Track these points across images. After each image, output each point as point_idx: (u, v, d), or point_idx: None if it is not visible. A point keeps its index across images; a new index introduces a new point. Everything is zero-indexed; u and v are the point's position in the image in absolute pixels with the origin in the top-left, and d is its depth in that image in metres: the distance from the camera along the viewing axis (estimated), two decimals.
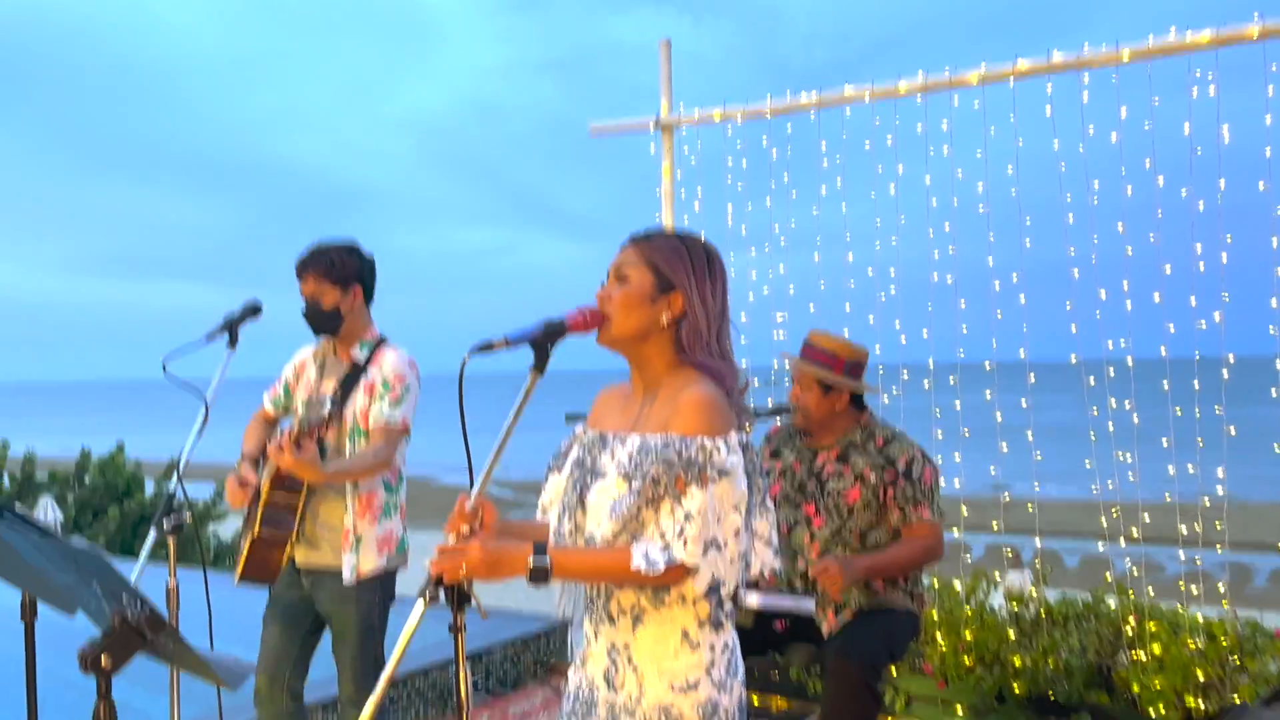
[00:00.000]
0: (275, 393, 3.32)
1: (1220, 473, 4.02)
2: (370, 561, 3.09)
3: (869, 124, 4.37)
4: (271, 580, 3.12)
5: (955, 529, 4.15)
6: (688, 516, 1.78)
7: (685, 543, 1.77)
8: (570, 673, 2.03)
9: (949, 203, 4.31)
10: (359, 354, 3.15)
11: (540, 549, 1.80)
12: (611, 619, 1.90)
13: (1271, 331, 3.69)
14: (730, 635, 1.91)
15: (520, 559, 1.79)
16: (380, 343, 3.18)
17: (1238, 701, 3.48)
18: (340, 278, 3.09)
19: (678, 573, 1.78)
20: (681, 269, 1.93)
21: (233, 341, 2.98)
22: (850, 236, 4.61)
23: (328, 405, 2.60)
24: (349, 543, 3.07)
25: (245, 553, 3.05)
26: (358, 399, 3.09)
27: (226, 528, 8.81)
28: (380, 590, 3.14)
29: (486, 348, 1.83)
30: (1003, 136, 4.09)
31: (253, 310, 3.06)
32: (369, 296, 3.19)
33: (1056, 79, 3.97)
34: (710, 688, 1.85)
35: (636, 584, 1.84)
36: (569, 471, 1.98)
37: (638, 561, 1.77)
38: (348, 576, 3.06)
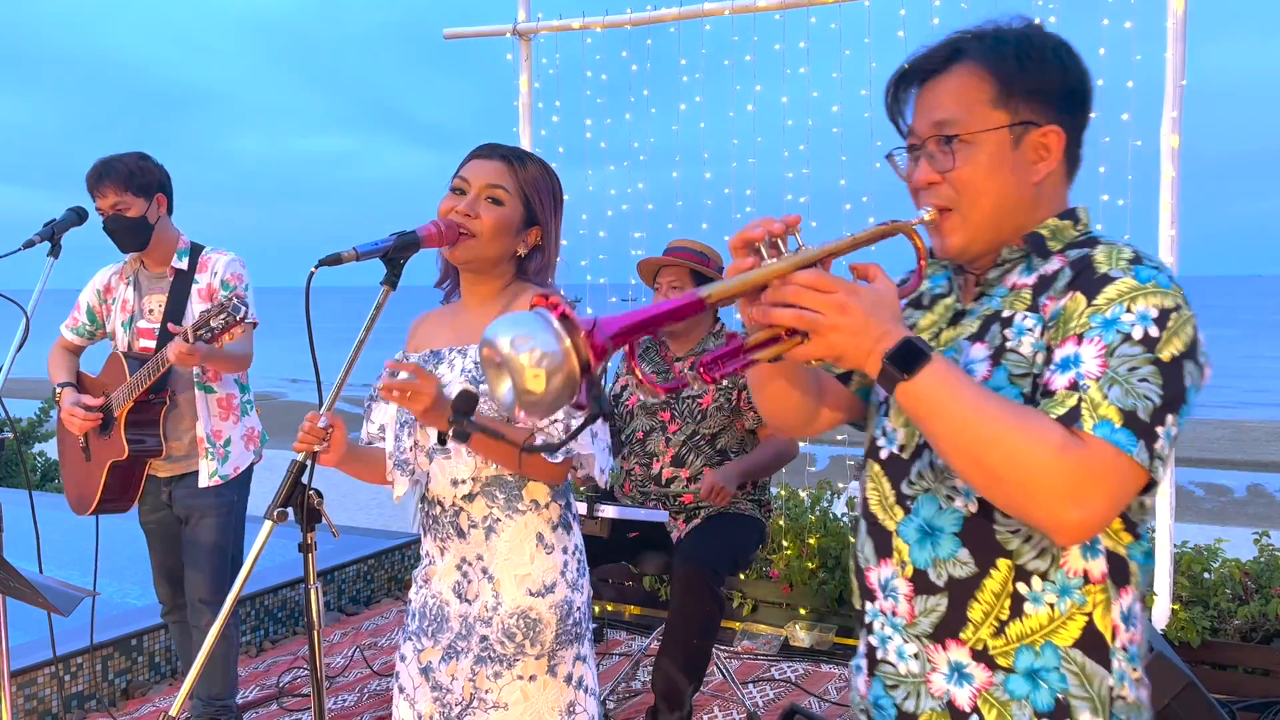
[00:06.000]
0: (76, 321, 3.18)
1: None
2: (239, 459, 3.11)
3: (728, 40, 4.36)
4: (129, 506, 3.09)
5: (802, 441, 4.31)
6: (568, 413, 1.81)
7: (575, 436, 1.82)
8: (412, 592, 2.03)
9: (804, 124, 4.37)
10: (180, 263, 3.06)
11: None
12: (461, 533, 1.91)
13: None
14: (578, 537, 1.98)
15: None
16: (197, 249, 3.10)
17: None
18: (142, 186, 2.96)
19: (567, 464, 1.87)
20: (548, 205, 1.95)
21: (55, 250, 2.81)
22: (708, 155, 4.63)
23: (241, 309, 2.54)
24: (205, 450, 3.05)
25: (104, 482, 2.98)
26: (195, 306, 3.02)
27: (53, 447, 8.32)
28: (240, 488, 3.15)
29: (334, 261, 1.76)
30: (857, 58, 4.15)
31: (77, 217, 2.90)
32: (171, 205, 3.08)
33: (909, 3, 4.04)
34: (565, 588, 1.91)
35: (535, 470, 1.87)
36: None
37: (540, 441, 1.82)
38: (205, 482, 3.05)
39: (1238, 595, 3.75)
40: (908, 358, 1.12)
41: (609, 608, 4.67)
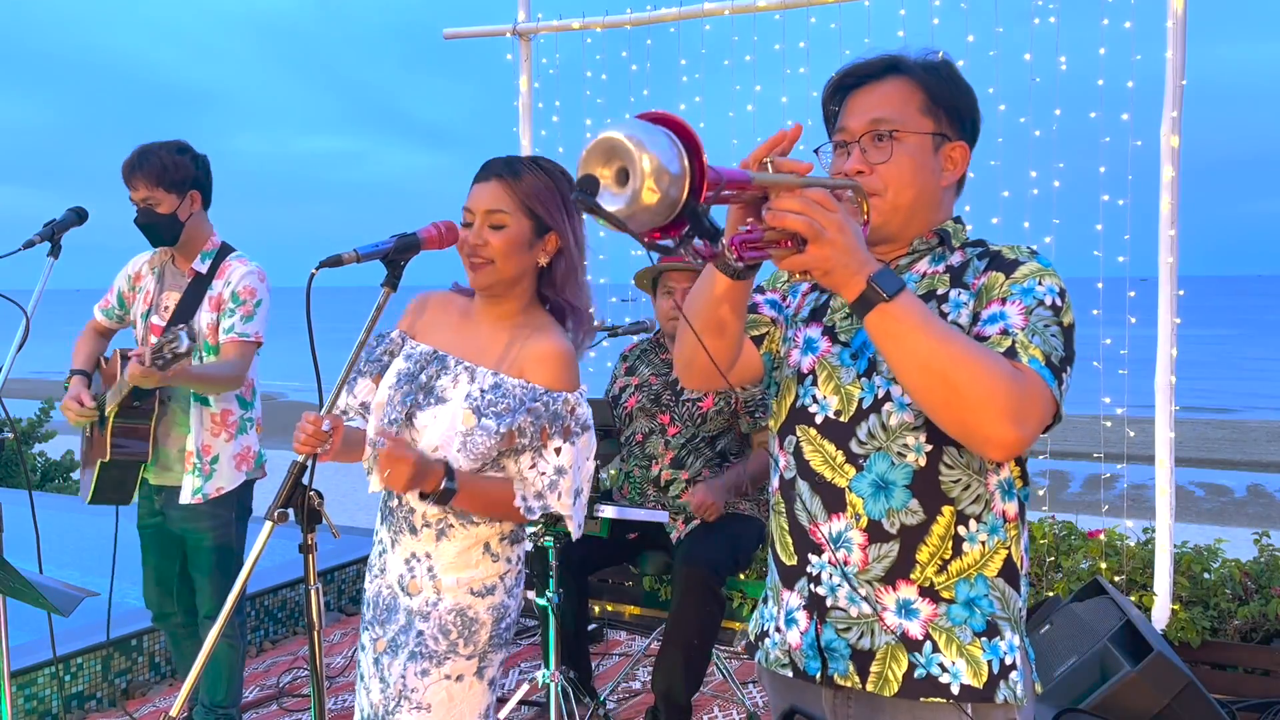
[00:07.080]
0: (108, 302, 3.14)
1: None
2: (224, 479, 3.01)
3: (728, 40, 4.36)
4: (127, 501, 3.05)
5: None
6: (559, 471, 1.88)
7: (559, 495, 1.89)
8: (369, 581, 2.05)
9: (804, 124, 4.36)
10: (201, 265, 3.00)
11: (451, 474, 1.84)
12: (414, 530, 1.95)
13: (1095, 254, 3.93)
14: (524, 549, 2.03)
15: (435, 478, 1.82)
16: (224, 252, 3.03)
17: (1053, 595, 3.77)
18: (175, 182, 2.90)
19: (525, 518, 1.93)
20: (556, 209, 1.94)
21: (55, 250, 2.79)
22: (708, 155, 4.62)
23: (185, 342, 2.47)
24: (191, 464, 2.97)
25: (96, 476, 2.95)
26: (203, 314, 2.96)
27: (53, 447, 8.33)
28: (236, 505, 3.08)
29: (335, 262, 1.76)
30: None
31: (77, 217, 2.88)
32: (207, 201, 3.02)
33: (908, 3, 4.04)
34: (503, 593, 1.96)
35: (510, 520, 1.94)
36: (396, 384, 1.96)
37: (520, 505, 1.88)
38: (186, 498, 2.96)
39: (1238, 595, 3.75)
40: (890, 282, 1.26)
41: (609, 608, 4.67)
